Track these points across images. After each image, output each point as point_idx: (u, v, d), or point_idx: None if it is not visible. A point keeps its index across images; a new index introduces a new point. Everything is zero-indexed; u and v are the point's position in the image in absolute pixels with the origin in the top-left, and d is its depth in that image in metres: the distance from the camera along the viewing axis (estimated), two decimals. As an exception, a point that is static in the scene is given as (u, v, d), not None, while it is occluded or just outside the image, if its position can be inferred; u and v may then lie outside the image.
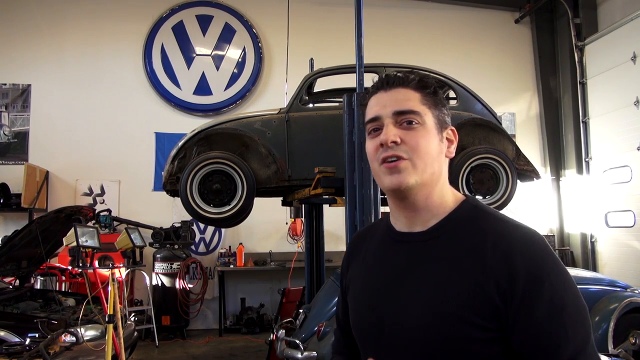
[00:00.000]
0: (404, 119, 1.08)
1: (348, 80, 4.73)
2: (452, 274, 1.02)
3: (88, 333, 4.14)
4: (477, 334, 0.98)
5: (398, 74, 1.13)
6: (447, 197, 1.14)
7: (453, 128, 1.17)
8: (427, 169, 1.08)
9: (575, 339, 0.96)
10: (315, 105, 5.48)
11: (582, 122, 8.63)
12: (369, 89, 1.18)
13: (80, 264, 3.86)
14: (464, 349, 0.99)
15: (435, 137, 1.10)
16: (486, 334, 0.98)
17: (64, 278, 6.56)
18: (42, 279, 6.10)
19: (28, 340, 3.77)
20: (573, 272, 4.56)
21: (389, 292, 1.11)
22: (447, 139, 1.15)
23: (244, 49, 8.52)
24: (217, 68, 8.44)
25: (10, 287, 5.31)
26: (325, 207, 5.70)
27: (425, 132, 1.09)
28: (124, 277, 5.99)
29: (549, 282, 0.97)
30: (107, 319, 3.78)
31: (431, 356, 1.02)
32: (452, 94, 5.02)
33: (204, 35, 8.44)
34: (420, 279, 1.07)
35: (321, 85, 5.45)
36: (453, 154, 1.16)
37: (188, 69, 8.34)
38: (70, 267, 5.86)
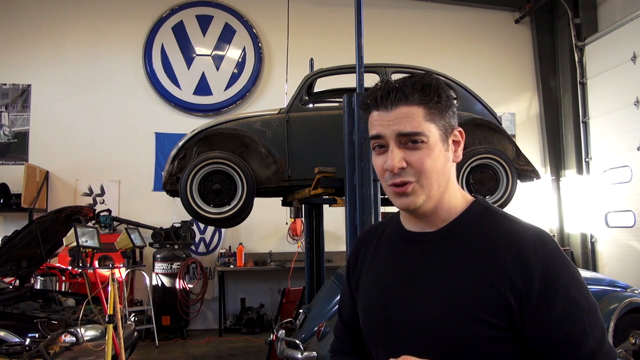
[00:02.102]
0: (408, 139, 1.07)
1: (348, 80, 4.73)
2: (465, 273, 1.04)
3: (88, 333, 4.13)
4: (490, 332, 1.00)
5: (397, 86, 1.09)
6: (457, 200, 1.15)
7: (460, 129, 1.16)
8: (434, 185, 1.09)
9: (594, 333, 0.99)
10: (315, 105, 5.48)
11: (582, 122, 8.63)
12: (369, 97, 1.13)
13: (80, 264, 3.86)
14: (476, 348, 1.01)
15: (440, 151, 1.10)
16: (499, 332, 1.00)
17: (64, 278, 6.56)
18: (42, 279, 6.09)
19: (28, 340, 3.77)
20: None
21: (401, 290, 1.12)
22: (453, 141, 1.15)
23: (244, 49, 8.51)
24: (217, 68, 8.44)
25: (10, 287, 5.31)
26: (325, 207, 5.70)
27: (429, 150, 1.08)
28: (124, 277, 5.98)
29: (564, 280, 1.00)
30: (107, 319, 3.77)
31: (444, 354, 1.03)
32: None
33: (204, 35, 8.43)
34: (433, 277, 1.08)
35: (321, 85, 5.45)
36: (460, 158, 1.16)
37: (188, 69, 8.34)
38: (70, 267, 5.87)
